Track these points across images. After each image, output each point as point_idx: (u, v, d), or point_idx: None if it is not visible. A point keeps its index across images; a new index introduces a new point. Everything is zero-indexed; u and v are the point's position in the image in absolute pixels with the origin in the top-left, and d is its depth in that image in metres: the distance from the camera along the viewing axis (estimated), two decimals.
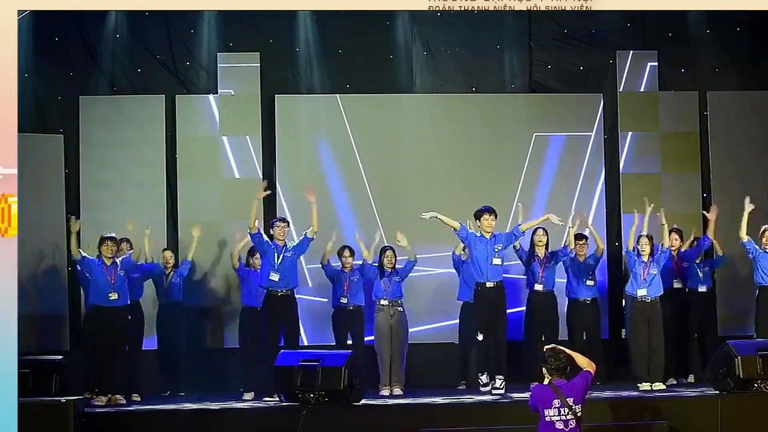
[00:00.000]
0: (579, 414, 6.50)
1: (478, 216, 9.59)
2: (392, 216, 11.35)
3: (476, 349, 9.93)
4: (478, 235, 9.55)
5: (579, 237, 10.55)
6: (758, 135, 11.85)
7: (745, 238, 10.05)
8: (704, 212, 10.85)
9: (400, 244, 10.38)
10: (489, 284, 9.47)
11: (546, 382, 6.61)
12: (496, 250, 9.48)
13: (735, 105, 11.93)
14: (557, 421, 6.47)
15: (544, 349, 6.72)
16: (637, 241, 9.97)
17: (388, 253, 10.46)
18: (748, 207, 10.06)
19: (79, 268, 10.27)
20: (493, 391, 9.41)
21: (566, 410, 6.47)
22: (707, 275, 10.84)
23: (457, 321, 10.83)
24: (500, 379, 9.44)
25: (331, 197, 11.50)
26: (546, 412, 6.51)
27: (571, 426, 6.48)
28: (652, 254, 9.87)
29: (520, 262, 10.48)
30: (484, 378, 9.53)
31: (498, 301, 9.53)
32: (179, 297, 10.75)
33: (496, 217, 9.55)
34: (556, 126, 11.76)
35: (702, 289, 10.78)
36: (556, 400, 6.49)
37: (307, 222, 9.93)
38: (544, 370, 6.62)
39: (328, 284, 10.75)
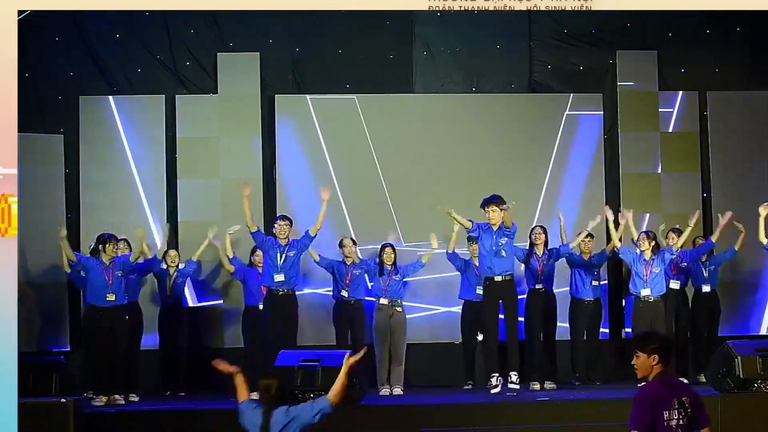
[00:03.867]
0: (693, 419, 5.07)
1: (483, 207, 9.28)
2: (392, 214, 11.36)
3: (483, 349, 9.78)
4: (486, 228, 9.31)
5: (586, 234, 10.49)
6: (758, 135, 11.85)
7: (765, 241, 9.98)
8: (719, 214, 10.61)
9: (432, 245, 10.29)
10: (497, 278, 9.24)
11: (652, 376, 5.19)
12: (500, 243, 9.23)
13: (735, 105, 11.93)
14: (674, 426, 5.02)
15: (637, 334, 5.64)
16: (637, 240, 9.97)
17: (388, 250, 10.34)
18: (764, 211, 9.95)
19: (69, 270, 10.21)
20: (510, 386, 9.17)
21: (682, 412, 5.06)
22: (713, 274, 10.78)
23: (459, 320, 10.81)
24: (515, 375, 9.22)
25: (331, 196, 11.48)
26: (665, 415, 5.02)
27: None
28: (654, 252, 9.85)
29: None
30: (494, 381, 9.25)
31: (508, 295, 9.26)
32: (182, 297, 10.74)
33: (501, 209, 9.15)
34: (557, 125, 11.75)
35: (706, 288, 10.74)
36: (674, 399, 5.07)
37: (306, 221, 9.91)
38: (654, 358, 5.14)
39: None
